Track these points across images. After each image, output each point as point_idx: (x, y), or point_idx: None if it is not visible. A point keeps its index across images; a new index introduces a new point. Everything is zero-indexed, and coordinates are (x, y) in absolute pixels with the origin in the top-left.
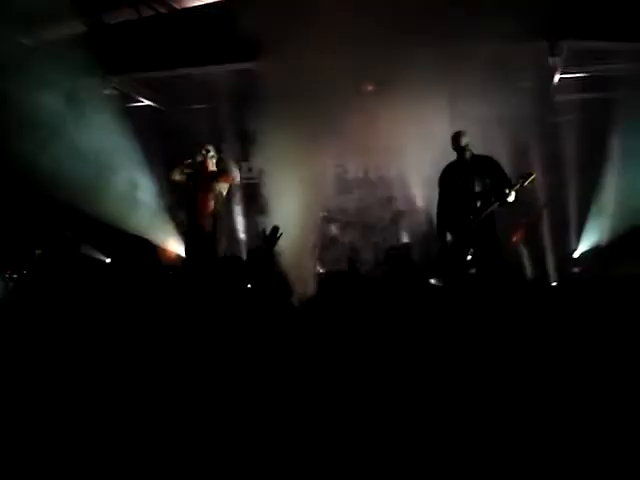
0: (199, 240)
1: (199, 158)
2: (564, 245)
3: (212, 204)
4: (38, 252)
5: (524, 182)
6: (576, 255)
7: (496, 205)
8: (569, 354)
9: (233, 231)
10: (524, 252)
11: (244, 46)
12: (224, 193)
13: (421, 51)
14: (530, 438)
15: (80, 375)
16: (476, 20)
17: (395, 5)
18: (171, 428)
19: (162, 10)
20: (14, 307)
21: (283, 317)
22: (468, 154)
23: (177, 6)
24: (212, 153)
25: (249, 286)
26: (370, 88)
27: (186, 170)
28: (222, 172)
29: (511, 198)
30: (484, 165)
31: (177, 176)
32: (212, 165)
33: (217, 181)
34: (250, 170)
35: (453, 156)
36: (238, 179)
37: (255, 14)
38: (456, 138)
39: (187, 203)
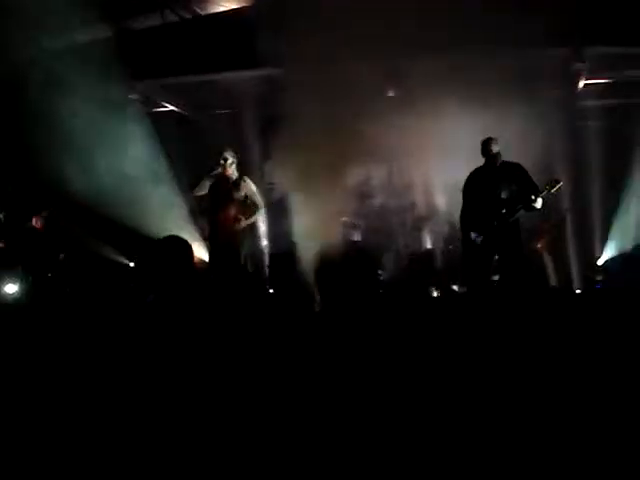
0: (222, 246)
1: (219, 169)
2: (588, 252)
3: (234, 211)
4: (62, 256)
5: (551, 189)
6: (600, 262)
7: (522, 211)
8: (594, 362)
9: (256, 237)
10: (548, 259)
11: (268, 52)
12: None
13: (446, 58)
14: (552, 443)
15: (100, 374)
16: (501, 27)
17: (420, 12)
18: (190, 427)
19: (187, 16)
20: (37, 309)
21: (304, 322)
22: (498, 160)
23: (201, 12)
24: (231, 160)
25: (271, 291)
26: (393, 94)
27: (208, 182)
28: (251, 205)
29: (538, 205)
30: (511, 172)
31: (201, 191)
32: (232, 172)
33: (240, 189)
34: (273, 175)
35: (476, 162)
36: (262, 214)
37: (279, 21)
38: (487, 144)
39: (209, 210)
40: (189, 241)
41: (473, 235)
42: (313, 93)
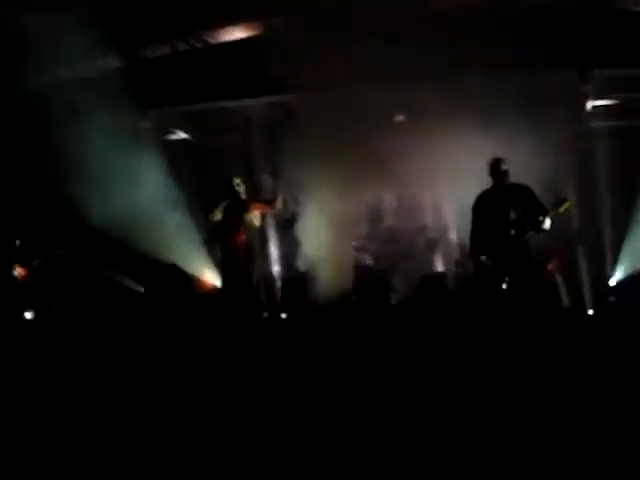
0: (233, 271)
1: (237, 194)
2: (600, 273)
3: (244, 235)
4: (76, 282)
5: (559, 209)
6: (612, 283)
7: (531, 232)
8: (605, 382)
9: (267, 261)
10: (559, 280)
11: (277, 80)
12: (256, 223)
13: (455, 82)
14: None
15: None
16: (508, 51)
17: (429, 37)
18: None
19: (197, 45)
20: (49, 334)
21: (317, 345)
22: (506, 182)
23: (212, 41)
24: (243, 186)
25: (283, 315)
26: (402, 119)
27: (222, 206)
28: (264, 201)
29: (546, 225)
30: (519, 193)
31: (217, 217)
32: (242, 194)
33: (249, 212)
34: (284, 201)
35: (486, 184)
36: (280, 206)
37: (287, 49)
38: (495, 165)
39: (221, 236)
40: (187, 270)
41: (483, 258)
42: (322, 118)
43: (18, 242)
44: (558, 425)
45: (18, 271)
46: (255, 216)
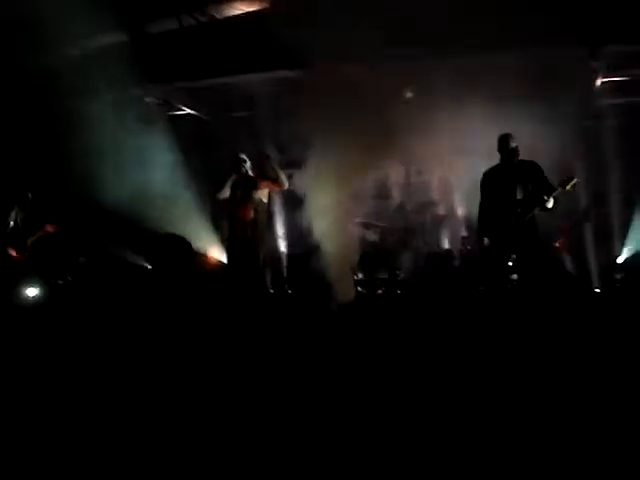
0: (240, 247)
1: (243, 171)
2: (608, 251)
3: (252, 212)
4: (82, 260)
5: (565, 187)
6: (620, 261)
7: (536, 210)
8: (613, 359)
9: (274, 238)
10: (567, 258)
11: (285, 54)
12: (264, 200)
13: (462, 59)
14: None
15: (117, 374)
16: (517, 26)
17: (436, 13)
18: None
19: (203, 20)
20: (55, 312)
21: (322, 322)
22: (515, 158)
23: (218, 16)
24: (248, 162)
25: (289, 291)
26: (411, 95)
27: (229, 182)
28: (273, 179)
29: (550, 204)
30: (526, 170)
31: (226, 194)
32: (248, 171)
33: (257, 189)
34: (290, 177)
35: (494, 161)
36: (287, 185)
37: (296, 23)
38: (504, 140)
39: (228, 213)
40: (192, 240)
41: (486, 241)
42: (330, 94)
43: (12, 223)
44: (566, 405)
45: (11, 252)
46: (263, 193)
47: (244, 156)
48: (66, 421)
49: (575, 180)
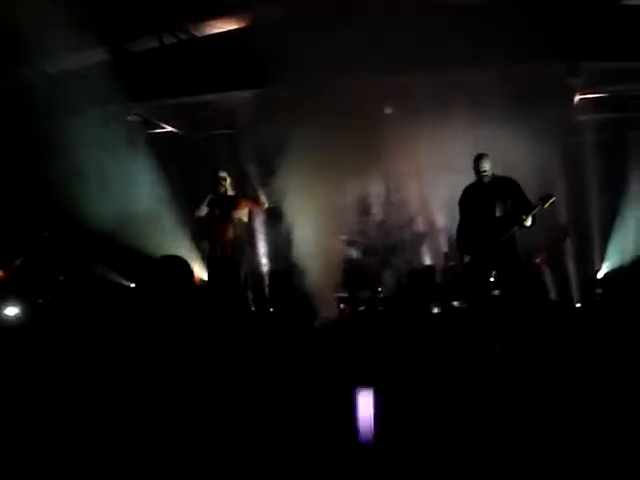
0: (221, 267)
1: (221, 189)
2: (587, 266)
3: (232, 231)
4: (62, 278)
5: (543, 204)
6: (600, 276)
7: (515, 228)
8: (594, 375)
9: (255, 255)
10: (547, 273)
11: (264, 72)
12: (244, 219)
13: (442, 75)
14: (551, 455)
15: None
16: (496, 44)
17: (416, 30)
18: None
19: (184, 38)
20: (36, 330)
21: (304, 339)
22: (487, 179)
23: (198, 34)
24: (228, 180)
25: (271, 309)
26: (389, 111)
27: (206, 200)
28: (252, 199)
29: (528, 222)
30: (505, 187)
31: (203, 212)
32: (229, 191)
33: (237, 208)
34: (271, 194)
35: (473, 177)
36: (266, 205)
37: (274, 41)
38: (477, 161)
39: (208, 231)
40: (188, 261)
41: (466, 258)
42: (310, 111)
43: None
44: (547, 416)
45: None
46: (243, 212)
47: (224, 174)
48: (48, 439)
49: (553, 198)
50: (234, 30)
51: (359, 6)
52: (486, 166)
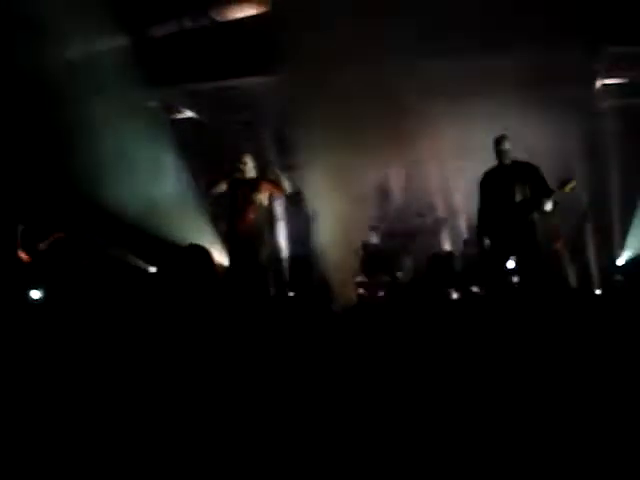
0: (241, 250)
1: (237, 173)
2: (608, 252)
3: (253, 214)
4: (85, 262)
5: (564, 188)
6: (620, 262)
7: (535, 214)
8: (614, 362)
9: (276, 240)
10: (567, 259)
11: (285, 57)
12: (265, 203)
13: (460, 59)
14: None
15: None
16: (517, 27)
17: (435, 12)
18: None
19: (204, 23)
20: (58, 314)
21: (324, 324)
22: (507, 160)
23: (219, 19)
24: (250, 164)
25: (291, 294)
26: (411, 97)
27: (225, 185)
28: (274, 183)
29: (548, 207)
30: (524, 171)
31: (219, 189)
32: (251, 175)
33: (259, 191)
34: (291, 180)
35: (494, 163)
36: (288, 190)
37: (297, 26)
38: (499, 142)
39: (228, 214)
40: (209, 247)
41: (486, 242)
42: (330, 97)
43: (21, 227)
44: (567, 407)
45: (22, 255)
46: (264, 195)
47: (247, 158)
48: (66, 423)
49: (574, 182)
50: (255, 15)
51: None
52: (506, 146)
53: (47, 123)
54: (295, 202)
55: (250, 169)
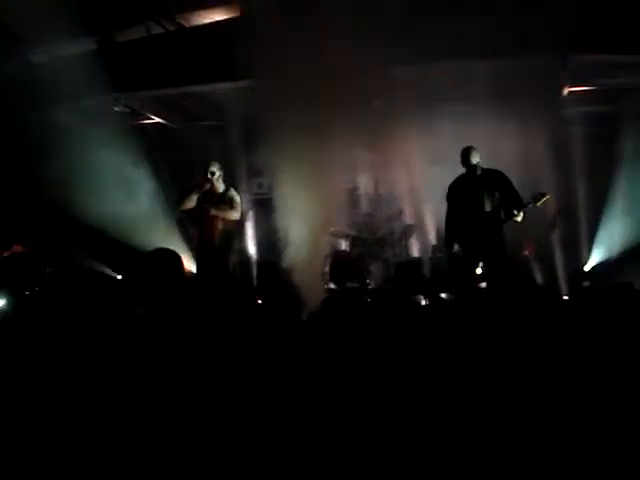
0: (209, 257)
1: (207, 185)
2: (575, 258)
3: (220, 224)
4: (49, 270)
5: (536, 202)
6: (587, 268)
7: (505, 223)
8: (580, 366)
9: (243, 246)
10: (535, 265)
11: (253, 64)
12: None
13: (431, 67)
14: (541, 447)
15: (88, 386)
16: (484, 35)
17: (406, 21)
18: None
19: (171, 28)
20: (22, 323)
21: (291, 331)
22: (478, 171)
23: (186, 24)
24: (218, 174)
25: (259, 301)
26: (378, 103)
27: (195, 196)
28: (228, 202)
29: (519, 218)
30: (493, 180)
31: (186, 205)
32: (219, 185)
33: (221, 206)
34: (260, 186)
35: (462, 170)
36: (237, 216)
37: (264, 31)
38: (466, 155)
39: (197, 222)
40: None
41: (456, 247)
42: (297, 103)
43: None
44: (536, 414)
45: None
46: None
47: (214, 168)
48: (32, 435)
49: (547, 196)
50: (223, 21)
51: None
52: (474, 159)
53: (10, 128)
54: (263, 208)
55: (218, 179)
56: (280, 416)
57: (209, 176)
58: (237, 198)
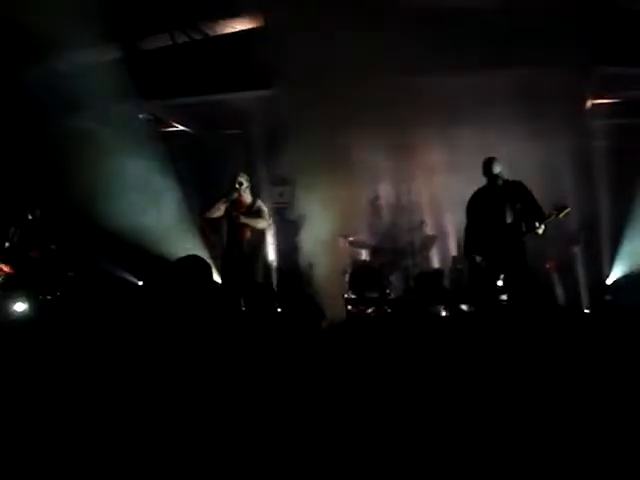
0: (237, 265)
1: (234, 194)
2: (597, 272)
3: (249, 233)
4: (71, 275)
5: (558, 215)
6: (609, 282)
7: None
8: (602, 381)
9: (265, 256)
10: (557, 279)
11: (276, 73)
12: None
13: (454, 77)
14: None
15: (105, 388)
16: (508, 47)
17: (427, 30)
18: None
19: (196, 37)
20: (44, 326)
21: (312, 340)
22: (500, 181)
23: (210, 33)
24: (245, 184)
25: (280, 310)
26: (402, 113)
27: (223, 206)
28: (256, 212)
29: (541, 231)
30: (515, 192)
31: (213, 214)
32: (247, 196)
33: (251, 217)
34: (281, 195)
35: (484, 180)
36: (266, 225)
37: (288, 41)
38: (488, 165)
39: (226, 231)
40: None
41: (478, 259)
42: (321, 112)
43: (7, 243)
44: (554, 424)
45: (3, 267)
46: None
47: (242, 178)
48: (54, 438)
49: (568, 209)
50: (247, 30)
51: (372, 8)
52: (496, 169)
53: (36, 136)
54: (285, 217)
55: (245, 190)
56: (293, 421)
57: (237, 186)
58: (265, 209)
